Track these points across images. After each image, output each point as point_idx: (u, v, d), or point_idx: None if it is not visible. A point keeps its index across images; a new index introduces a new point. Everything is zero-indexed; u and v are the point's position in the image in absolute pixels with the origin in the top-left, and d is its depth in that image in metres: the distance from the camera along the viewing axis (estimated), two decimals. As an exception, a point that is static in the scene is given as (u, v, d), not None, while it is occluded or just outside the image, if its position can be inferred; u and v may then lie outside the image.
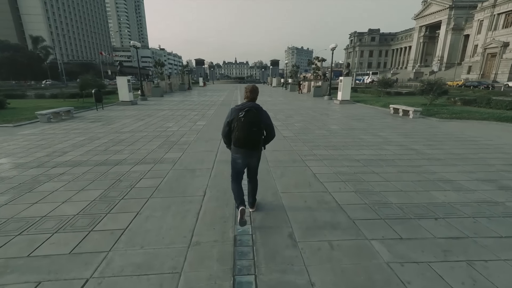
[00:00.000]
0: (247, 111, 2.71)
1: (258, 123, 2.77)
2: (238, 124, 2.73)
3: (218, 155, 5.74)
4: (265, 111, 2.95)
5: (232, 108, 2.90)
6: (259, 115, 2.78)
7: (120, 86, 16.11)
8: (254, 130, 2.74)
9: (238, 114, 2.73)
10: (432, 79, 13.55)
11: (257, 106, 2.83)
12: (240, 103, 2.90)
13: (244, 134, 2.72)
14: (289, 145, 6.62)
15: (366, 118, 10.97)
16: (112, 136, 7.61)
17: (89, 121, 10.30)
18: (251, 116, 2.71)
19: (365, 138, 7.37)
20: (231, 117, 2.82)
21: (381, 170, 4.79)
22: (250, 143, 2.80)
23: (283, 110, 13.84)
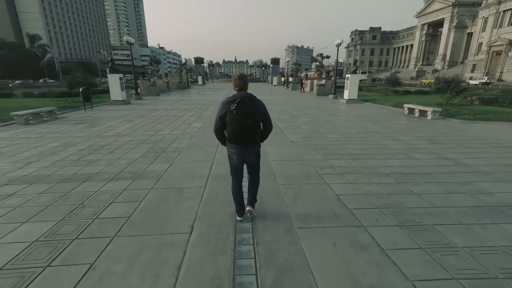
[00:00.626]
0: (239, 102, 2.44)
1: (253, 114, 2.48)
2: (231, 118, 2.46)
3: (213, 167, 4.68)
4: (260, 100, 2.65)
5: (223, 101, 2.60)
6: (253, 105, 2.50)
7: (111, 84, 15.03)
8: (249, 122, 2.46)
9: (230, 107, 2.46)
10: (449, 76, 12.48)
11: (250, 95, 2.56)
12: (231, 95, 2.59)
13: (239, 128, 2.45)
14: (299, 153, 5.56)
15: (380, 120, 9.91)
16: (92, 141, 6.55)
17: (72, 123, 9.24)
18: (244, 107, 2.43)
19: (386, 143, 6.31)
20: (223, 110, 2.55)
21: (421, 189, 3.74)
22: (246, 138, 2.54)
23: (286, 110, 12.78)
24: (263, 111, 2.63)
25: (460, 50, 75.75)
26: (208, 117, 10.60)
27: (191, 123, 9.30)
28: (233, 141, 2.57)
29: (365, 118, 10.20)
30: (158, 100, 18.54)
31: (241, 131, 2.48)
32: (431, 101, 14.33)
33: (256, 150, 2.77)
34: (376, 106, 14.38)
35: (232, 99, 2.51)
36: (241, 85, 2.64)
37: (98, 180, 4.07)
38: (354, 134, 7.43)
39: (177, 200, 3.39)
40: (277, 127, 8.47)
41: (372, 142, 6.48)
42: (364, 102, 16.29)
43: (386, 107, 13.63)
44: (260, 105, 2.62)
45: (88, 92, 12.34)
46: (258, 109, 2.56)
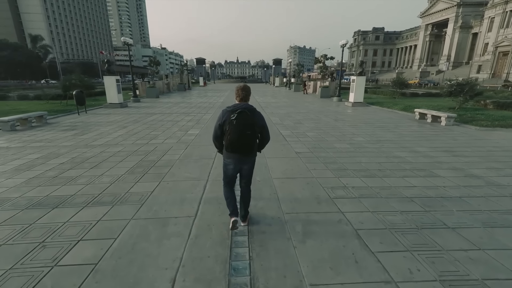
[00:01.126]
0: (240, 113, 2.49)
1: (252, 126, 2.54)
2: (230, 127, 2.51)
3: (207, 187, 4.06)
4: (259, 112, 2.73)
5: (223, 109, 2.66)
6: (252, 116, 2.57)
7: (107, 87, 14.48)
8: (248, 133, 2.52)
9: (230, 116, 2.52)
10: (464, 79, 11.80)
11: (251, 107, 2.63)
12: (232, 104, 2.66)
13: (237, 138, 2.51)
14: (306, 167, 4.93)
15: (390, 126, 9.25)
16: (77, 152, 5.96)
17: (61, 129, 8.67)
18: (244, 118, 2.49)
19: (402, 156, 5.67)
20: (222, 119, 2.61)
21: (455, 220, 3.10)
22: (244, 148, 2.59)
23: (290, 114, 12.14)
24: (262, 123, 2.68)
25: (465, 51, 74.69)
26: (206, 122, 10.00)
27: (188, 129, 8.70)
28: (231, 150, 2.61)
29: (374, 124, 9.55)
30: (157, 102, 17.97)
31: (238, 141, 2.51)
32: (441, 105, 13.64)
33: (252, 160, 2.82)
34: (383, 110, 13.71)
35: (233, 109, 2.54)
36: (243, 95, 2.70)
37: (72, 205, 3.47)
38: (364, 143, 6.78)
39: (159, 237, 2.77)
40: (280, 135, 7.85)
41: (386, 154, 5.83)
42: (371, 105, 15.62)
43: (394, 111, 12.96)
44: (259, 117, 2.67)
45: (82, 95, 11.78)
46: (257, 120, 2.60)
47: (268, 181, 4.27)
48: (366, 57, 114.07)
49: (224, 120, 2.59)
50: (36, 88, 36.59)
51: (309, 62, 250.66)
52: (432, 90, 22.96)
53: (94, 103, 15.65)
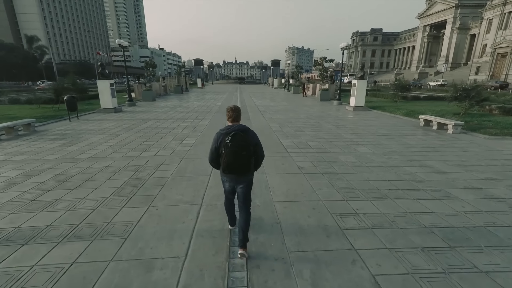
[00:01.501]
0: (234, 135, 2.53)
1: (247, 146, 2.58)
2: (226, 150, 2.54)
3: (201, 213, 3.63)
4: (252, 131, 2.77)
5: (217, 132, 2.71)
6: (246, 137, 2.59)
7: (101, 91, 14.00)
8: (243, 154, 2.57)
9: (225, 140, 2.54)
10: (469, 84, 11.44)
11: (243, 128, 2.66)
12: (225, 126, 2.71)
13: (233, 160, 2.55)
14: (310, 187, 4.50)
15: (394, 134, 8.86)
16: (62, 167, 5.50)
17: (49, 138, 8.19)
18: (238, 140, 2.53)
19: (412, 172, 5.26)
20: (218, 142, 2.66)
21: (488, 263, 2.69)
22: (240, 169, 2.64)
23: (289, 120, 11.74)
24: (255, 141, 2.73)
25: (463, 52, 74.78)
26: (203, 130, 9.56)
27: (183, 138, 8.25)
28: (228, 172, 2.65)
29: (378, 132, 9.15)
30: (153, 106, 17.50)
31: (235, 162, 2.56)
32: (445, 110, 13.29)
33: (248, 179, 2.86)
34: (385, 115, 13.33)
35: (227, 132, 2.59)
36: (234, 116, 2.74)
37: (46, 240, 3.03)
38: (370, 155, 6.38)
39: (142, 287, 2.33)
40: (281, 144, 7.42)
41: (395, 169, 5.42)
42: (372, 109, 15.25)
43: (397, 117, 12.58)
44: (253, 136, 2.72)
45: (74, 100, 11.30)
46: (251, 140, 2.65)
47: (269, 205, 3.84)
48: (365, 58, 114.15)
49: (219, 143, 2.64)
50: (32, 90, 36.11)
51: (308, 63, 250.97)
52: (434, 93, 22.65)
53: (88, 108, 15.16)
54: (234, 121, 2.75)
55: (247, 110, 15.57)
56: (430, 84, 53.52)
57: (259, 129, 9.83)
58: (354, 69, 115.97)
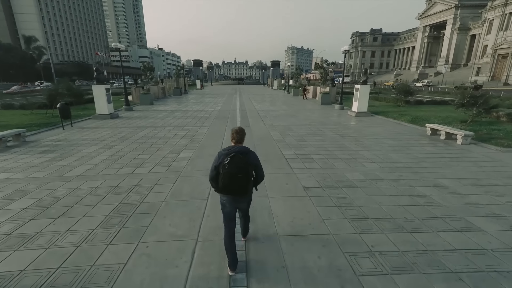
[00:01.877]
0: (233, 157, 2.57)
1: (245, 169, 2.61)
2: (223, 171, 2.59)
3: (196, 253, 3.22)
4: (254, 153, 2.81)
5: (219, 152, 2.76)
6: (245, 159, 2.64)
7: (97, 96, 13.57)
8: (240, 176, 2.59)
9: (224, 160, 2.60)
10: (477, 91, 11.08)
11: (244, 150, 2.71)
12: (227, 147, 2.76)
13: (229, 182, 2.59)
14: (318, 214, 4.11)
15: (401, 144, 8.47)
16: (48, 189, 5.09)
17: (39, 151, 7.77)
18: (236, 162, 2.57)
19: (426, 193, 4.87)
20: (218, 161, 2.69)
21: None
22: (237, 190, 2.66)
23: (291, 128, 11.34)
24: (255, 162, 2.77)
25: (463, 53, 74.59)
26: (201, 140, 9.15)
27: (180, 150, 7.84)
28: (225, 192, 2.69)
29: (384, 142, 8.76)
30: (150, 111, 17.08)
31: (231, 184, 2.59)
32: (451, 116, 12.91)
33: (248, 199, 2.92)
34: (390, 121, 12.94)
35: (227, 153, 2.63)
36: (237, 138, 2.78)
37: (16, 291, 2.62)
38: (379, 172, 5.98)
39: None
40: (283, 158, 7.03)
41: (407, 190, 5.03)
42: (375, 115, 14.87)
43: (402, 124, 12.19)
44: (253, 158, 2.75)
45: (67, 108, 10.88)
46: (251, 161, 2.69)
47: (274, 242, 3.44)
48: (364, 59, 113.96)
49: (219, 163, 2.66)
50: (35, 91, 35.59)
51: (307, 63, 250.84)
52: (437, 97, 22.30)
53: (83, 113, 14.73)
54: (237, 143, 2.80)
55: (247, 115, 15.17)
56: (416, 84, 56.85)
57: (260, 138, 9.45)
58: (353, 69, 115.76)
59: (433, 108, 16.49)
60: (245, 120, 13.48)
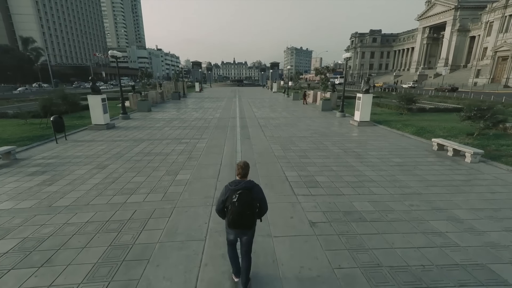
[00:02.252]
0: (240, 194, 2.76)
1: (252, 205, 2.82)
2: (232, 208, 2.78)
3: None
4: (258, 186, 3.01)
5: (226, 186, 2.97)
6: (252, 195, 2.84)
7: (92, 106, 13.18)
8: (248, 213, 2.80)
9: (232, 197, 2.79)
10: (484, 103, 10.75)
11: (250, 185, 2.89)
12: (233, 181, 2.97)
13: (238, 218, 2.79)
14: (327, 261, 3.75)
15: (408, 162, 8.13)
16: (35, 224, 4.72)
17: (30, 172, 7.39)
18: (244, 199, 2.75)
19: (441, 230, 4.53)
20: (225, 195, 2.89)
21: None
22: (244, 226, 2.88)
23: (292, 140, 11.00)
24: (260, 195, 2.97)
25: (463, 54, 74.51)
26: (199, 157, 8.78)
27: (177, 171, 7.47)
28: (233, 227, 2.91)
29: (390, 160, 8.42)
30: (148, 119, 16.70)
31: (239, 220, 2.82)
32: (456, 127, 12.59)
33: (251, 231, 3.06)
34: (393, 132, 12.61)
35: (235, 189, 2.84)
36: (243, 173, 2.97)
37: None
38: (388, 200, 5.64)
39: None
40: (286, 181, 6.68)
41: (420, 225, 4.68)
42: (378, 124, 14.54)
43: (406, 135, 11.85)
44: (258, 192, 2.95)
45: (61, 121, 10.50)
46: (256, 195, 2.90)
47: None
48: (364, 59, 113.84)
49: (226, 197, 2.87)
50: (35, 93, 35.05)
51: (306, 63, 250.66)
52: (440, 103, 22.00)
53: (78, 124, 14.33)
54: (243, 177, 2.98)
55: (246, 124, 14.82)
56: (403, 86, 60.16)
57: (260, 153, 9.10)
58: (353, 70, 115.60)
59: (436, 117, 16.17)
60: (245, 131, 13.13)
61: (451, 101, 25.79)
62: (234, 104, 26.36)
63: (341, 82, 66.85)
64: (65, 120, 14.86)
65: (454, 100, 26.93)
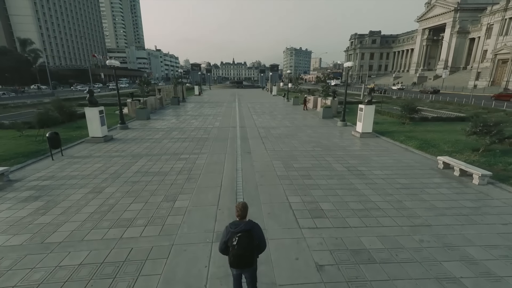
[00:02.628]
0: (240, 238, 2.98)
1: (251, 248, 3.06)
2: (233, 250, 3.02)
3: None
4: (257, 226, 3.20)
5: (227, 227, 3.18)
6: (252, 237, 3.05)
7: (90, 119, 12.89)
8: (247, 254, 3.04)
9: (232, 240, 3.02)
10: (490, 118, 10.54)
11: (249, 227, 3.09)
12: (233, 222, 3.17)
13: (238, 260, 3.04)
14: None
15: (414, 184, 7.90)
16: (23, 267, 4.45)
17: (23, 197, 7.12)
18: (244, 242, 2.99)
19: (455, 274, 4.29)
20: (226, 237, 3.11)
21: None
22: (245, 265, 3.12)
23: (294, 155, 10.76)
24: (259, 236, 3.17)
25: (462, 56, 74.43)
26: (199, 177, 8.52)
27: (176, 195, 7.21)
28: (235, 267, 3.15)
29: (395, 181, 8.17)
30: (146, 129, 16.43)
31: (240, 261, 3.07)
32: (460, 140, 12.35)
33: (253, 268, 3.26)
34: (396, 146, 12.36)
35: (235, 231, 3.05)
36: (242, 215, 3.17)
37: None
38: (397, 234, 5.39)
39: None
40: (290, 209, 6.42)
41: (433, 267, 4.44)
42: (380, 136, 14.30)
43: (410, 149, 11.62)
44: (257, 232, 3.16)
45: (57, 137, 10.22)
46: (256, 235, 3.12)
47: None
48: (363, 61, 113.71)
49: (228, 238, 3.08)
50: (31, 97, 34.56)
51: (306, 64, 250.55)
52: (443, 111, 21.77)
53: (75, 135, 14.04)
54: (242, 218, 3.18)
55: (247, 136, 14.58)
56: (392, 88, 63.03)
57: (262, 172, 8.87)
58: (352, 72, 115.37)
59: (439, 127, 15.94)
60: (246, 143, 12.89)
61: (453, 107, 25.64)
62: (234, 110, 26.10)
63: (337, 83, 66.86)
64: (62, 131, 14.65)
65: (455, 106, 26.78)
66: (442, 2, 74.57)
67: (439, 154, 10.68)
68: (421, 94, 44.91)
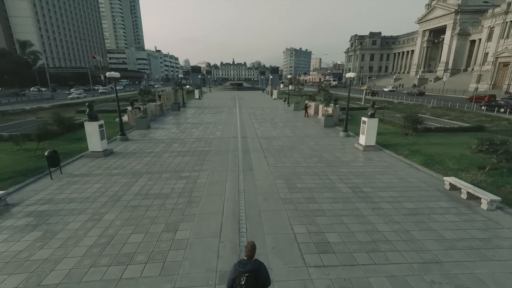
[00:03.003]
0: (248, 278, 3.15)
1: (258, 286, 3.23)
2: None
3: None
4: (263, 266, 3.35)
5: (235, 264, 3.33)
6: (258, 277, 3.21)
7: (89, 134, 12.70)
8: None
9: (240, 279, 3.17)
10: (497, 137, 10.36)
11: (256, 267, 3.24)
12: (241, 261, 3.32)
13: None
14: None
15: (421, 209, 7.70)
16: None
17: (20, 226, 6.93)
18: (251, 282, 3.16)
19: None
20: (234, 275, 3.24)
21: None
22: None
23: (297, 173, 10.59)
24: (264, 274, 3.31)
25: (463, 58, 74.24)
26: (200, 201, 8.32)
27: (177, 223, 7.02)
28: None
29: (402, 205, 7.98)
30: (146, 140, 16.25)
31: None
32: (466, 156, 12.16)
33: None
34: (401, 161, 12.16)
35: (242, 271, 3.19)
36: (251, 255, 3.31)
37: None
38: (407, 274, 5.20)
39: None
40: (295, 242, 6.23)
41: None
42: (383, 149, 14.11)
43: (414, 166, 11.43)
44: (263, 271, 3.31)
45: (56, 156, 10.05)
46: (261, 274, 3.27)
47: None
48: (363, 62, 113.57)
49: (236, 276, 3.24)
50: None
51: (305, 64, 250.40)
52: (445, 120, 21.57)
53: (75, 149, 13.86)
54: (250, 258, 3.31)
55: (249, 148, 14.43)
56: (385, 90, 66.26)
57: (264, 195, 8.70)
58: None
59: (443, 139, 15.72)
60: (247, 157, 12.73)
61: (455, 114, 25.48)
62: (235, 117, 25.92)
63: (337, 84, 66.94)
64: (61, 144, 14.51)
65: (457, 112, 26.62)
66: (443, 4, 74.36)
67: (445, 172, 10.52)
68: (407, 96, 50.77)
